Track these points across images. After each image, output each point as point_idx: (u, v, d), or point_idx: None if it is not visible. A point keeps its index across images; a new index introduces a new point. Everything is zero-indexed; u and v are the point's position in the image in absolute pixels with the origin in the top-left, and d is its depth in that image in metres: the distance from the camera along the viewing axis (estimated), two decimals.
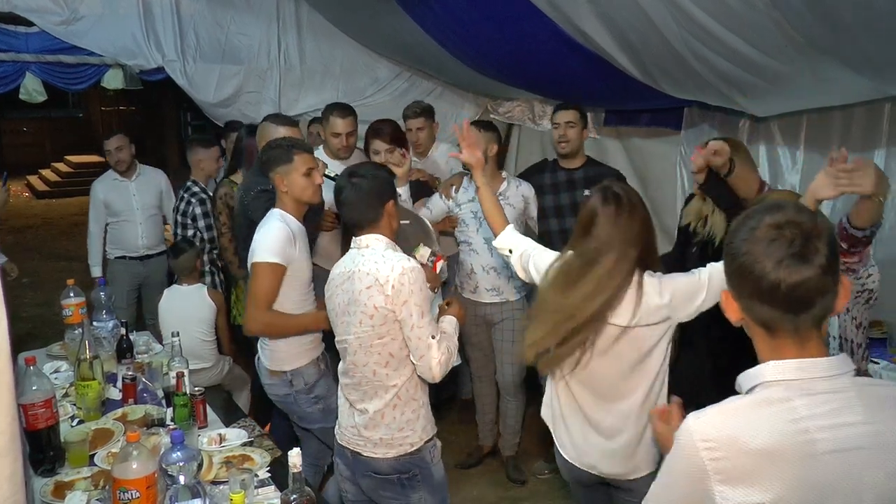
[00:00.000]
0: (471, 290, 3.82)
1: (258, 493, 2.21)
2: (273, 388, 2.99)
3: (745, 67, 2.97)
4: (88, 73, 4.69)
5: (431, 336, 2.31)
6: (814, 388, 1.22)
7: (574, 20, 3.31)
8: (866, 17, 2.29)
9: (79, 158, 16.36)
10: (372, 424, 2.38)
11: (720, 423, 1.23)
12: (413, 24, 4.25)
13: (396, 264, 2.29)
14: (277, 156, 2.85)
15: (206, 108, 5.09)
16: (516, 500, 3.89)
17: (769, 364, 1.26)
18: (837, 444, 1.18)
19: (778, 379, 1.24)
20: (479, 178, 2.76)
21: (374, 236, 2.40)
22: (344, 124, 3.80)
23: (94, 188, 4.87)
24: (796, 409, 1.20)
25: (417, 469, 2.42)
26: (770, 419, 1.20)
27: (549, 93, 4.85)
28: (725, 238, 1.32)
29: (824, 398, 1.21)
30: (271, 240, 2.75)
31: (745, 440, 1.19)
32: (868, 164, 2.06)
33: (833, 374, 1.23)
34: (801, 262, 1.19)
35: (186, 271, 3.82)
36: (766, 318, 1.25)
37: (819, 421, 1.19)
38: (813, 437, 1.18)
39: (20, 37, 4.40)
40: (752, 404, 1.24)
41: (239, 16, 5.01)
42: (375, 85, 5.39)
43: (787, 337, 1.25)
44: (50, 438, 2.34)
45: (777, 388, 1.23)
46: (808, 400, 1.20)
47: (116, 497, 1.88)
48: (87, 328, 2.89)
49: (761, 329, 1.27)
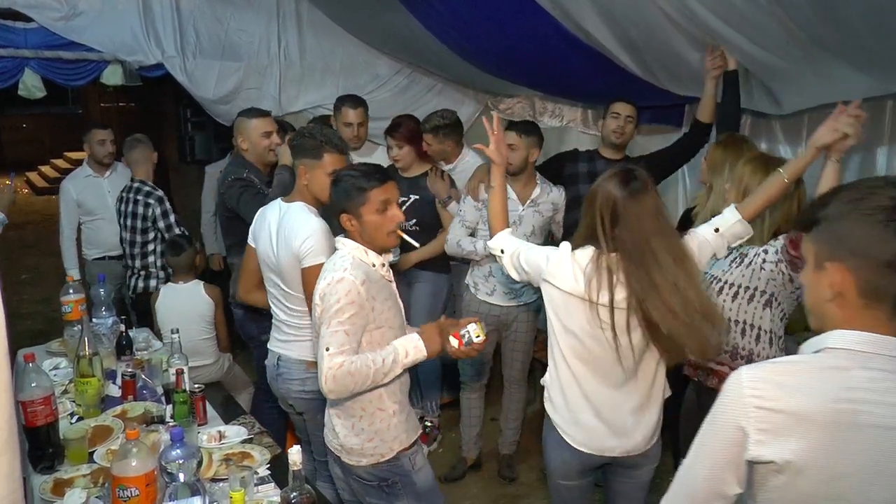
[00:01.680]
0: (487, 291, 3.74)
1: (258, 490, 2.20)
2: (308, 384, 2.78)
3: (747, 64, 2.96)
4: (87, 70, 4.66)
5: (326, 348, 2.21)
6: (874, 364, 1.22)
7: (575, 17, 3.30)
8: (869, 14, 2.28)
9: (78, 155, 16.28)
10: (343, 432, 2.38)
11: (773, 376, 1.26)
12: (414, 21, 4.24)
13: (332, 274, 2.26)
14: (308, 147, 2.78)
15: (205, 105, 5.07)
16: (517, 497, 3.89)
17: (838, 331, 1.27)
18: (883, 421, 1.19)
19: (843, 347, 1.25)
20: (498, 178, 2.67)
21: (343, 239, 2.40)
22: (355, 114, 3.97)
23: (64, 188, 4.73)
24: (852, 379, 1.22)
25: (397, 477, 2.40)
26: (822, 382, 1.22)
27: (549, 90, 4.85)
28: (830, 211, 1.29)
29: (884, 375, 1.22)
30: (321, 240, 2.68)
31: (792, 396, 1.22)
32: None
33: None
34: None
35: (185, 269, 3.81)
36: (881, 285, 1.23)
37: (872, 395, 1.20)
38: (859, 408, 1.20)
39: (19, 32, 4.38)
40: (809, 365, 1.27)
41: (239, 12, 4.98)
42: (376, 81, 5.37)
43: (883, 311, 1.24)
44: (49, 435, 2.33)
45: (839, 355, 1.25)
46: (866, 373, 1.22)
47: (116, 494, 1.87)
48: (87, 325, 2.89)
49: (862, 299, 1.25)
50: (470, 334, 2.35)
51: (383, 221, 2.35)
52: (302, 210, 2.78)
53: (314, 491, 1.97)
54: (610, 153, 3.78)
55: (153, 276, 4.26)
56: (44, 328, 6.04)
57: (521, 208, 3.62)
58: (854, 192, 1.28)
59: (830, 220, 1.29)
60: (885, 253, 1.21)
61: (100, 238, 4.67)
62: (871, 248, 1.23)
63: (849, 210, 1.26)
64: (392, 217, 2.37)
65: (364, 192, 2.32)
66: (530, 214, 3.63)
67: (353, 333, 2.24)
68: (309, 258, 2.68)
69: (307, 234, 2.70)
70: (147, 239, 4.23)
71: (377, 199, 2.33)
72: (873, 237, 1.22)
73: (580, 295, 2.22)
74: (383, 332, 2.34)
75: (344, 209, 2.36)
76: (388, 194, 2.36)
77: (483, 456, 4.20)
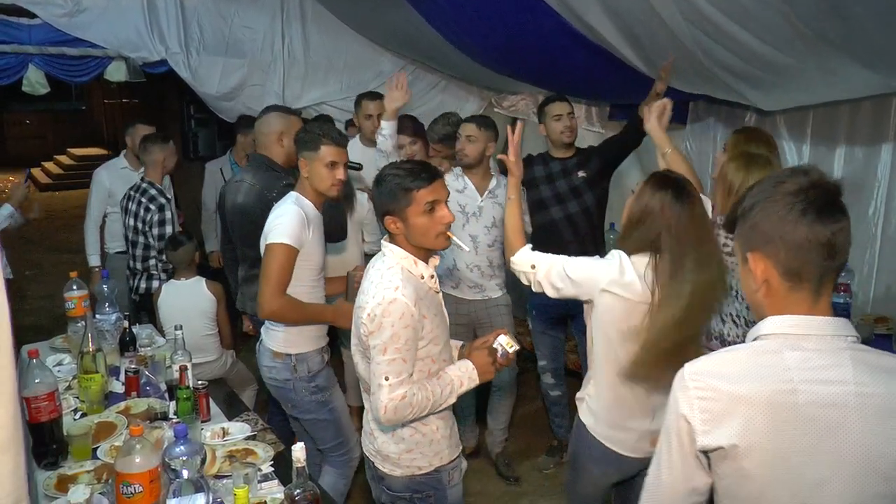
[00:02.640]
0: (452, 285, 3.76)
1: (261, 487, 2.20)
2: (273, 372, 2.93)
3: (752, 61, 2.95)
4: (91, 66, 4.65)
5: (385, 377, 2.10)
6: (806, 345, 1.28)
7: (580, 13, 3.30)
8: (876, 11, 2.27)
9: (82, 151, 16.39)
10: (381, 437, 2.30)
11: (711, 367, 1.33)
12: (417, 17, 4.23)
13: (380, 292, 2.11)
14: (306, 140, 2.83)
15: (209, 102, 5.07)
16: (520, 494, 3.88)
17: (768, 318, 1.33)
18: (820, 398, 1.24)
19: (774, 332, 1.31)
20: (515, 190, 2.63)
21: (391, 246, 2.25)
22: (375, 106, 4.04)
23: (98, 175, 4.75)
24: (785, 361, 1.27)
25: (432, 490, 2.33)
26: (758, 367, 1.28)
27: (553, 86, 4.83)
28: (745, 204, 1.36)
29: (816, 355, 1.27)
30: (286, 222, 2.72)
31: (730, 383, 1.28)
32: None
33: (829, 334, 1.29)
34: (839, 212, 1.27)
35: (185, 264, 3.79)
36: (798, 266, 1.29)
37: (806, 374, 1.25)
38: (796, 387, 1.25)
39: (23, 29, 4.38)
40: (745, 352, 1.33)
41: (243, 8, 4.98)
42: (380, 78, 5.36)
43: (806, 291, 1.30)
44: (53, 432, 2.33)
45: (772, 341, 1.31)
46: (799, 354, 1.27)
47: (119, 491, 1.87)
48: (90, 321, 2.89)
49: (786, 283, 1.31)
50: (504, 347, 2.31)
51: (431, 223, 2.18)
52: (289, 198, 2.84)
53: (318, 488, 1.97)
54: (560, 152, 3.81)
55: (155, 278, 4.21)
56: (47, 324, 6.05)
57: (480, 199, 3.67)
58: (764, 183, 1.36)
59: (746, 214, 1.35)
60: (796, 233, 1.27)
61: (121, 232, 4.56)
62: (782, 232, 1.28)
63: (760, 200, 1.33)
64: (441, 218, 2.19)
65: (410, 193, 2.15)
66: (490, 205, 3.67)
67: (410, 359, 2.14)
68: (271, 235, 2.73)
69: (278, 214, 2.77)
70: (148, 242, 4.19)
71: (424, 200, 2.16)
72: (783, 221, 1.28)
73: (647, 301, 2.22)
74: (429, 350, 2.22)
75: (388, 211, 2.20)
76: (437, 194, 2.19)
77: (484, 452, 4.19)
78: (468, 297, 3.77)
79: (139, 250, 4.23)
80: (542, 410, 4.32)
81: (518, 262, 2.53)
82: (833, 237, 1.26)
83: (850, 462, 1.24)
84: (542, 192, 3.77)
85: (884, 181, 3.39)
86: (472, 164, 3.63)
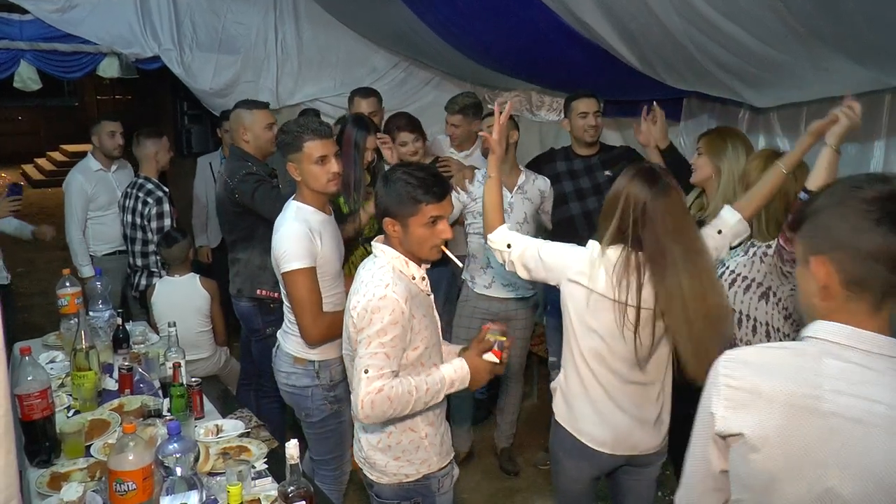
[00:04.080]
0: (485, 284, 3.71)
1: (255, 484, 2.20)
2: (293, 378, 2.81)
3: (746, 57, 2.95)
4: (84, 62, 4.64)
5: (365, 370, 2.07)
6: (850, 357, 1.25)
7: (574, 10, 3.29)
8: (868, 7, 2.27)
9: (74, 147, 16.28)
10: (367, 446, 2.29)
11: (744, 356, 1.35)
12: (410, 14, 4.22)
13: (370, 290, 2.10)
14: (287, 142, 2.71)
15: (202, 98, 5.06)
16: (514, 490, 3.89)
17: (819, 322, 1.32)
18: (846, 411, 1.22)
19: (821, 337, 1.29)
20: (495, 169, 2.59)
21: (382, 246, 2.24)
22: (367, 104, 3.99)
23: (75, 180, 4.55)
24: (822, 367, 1.26)
25: (420, 497, 2.32)
26: (790, 367, 1.28)
27: (547, 83, 4.83)
28: (815, 205, 1.33)
29: (857, 369, 1.24)
30: (289, 247, 2.60)
31: (756, 374, 1.29)
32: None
33: (875, 352, 1.25)
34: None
35: (178, 261, 3.79)
36: (863, 276, 1.25)
37: (839, 384, 1.24)
38: (824, 395, 1.23)
39: (15, 24, 4.36)
40: (784, 350, 1.33)
41: (236, 4, 4.97)
42: (373, 74, 5.36)
43: (865, 303, 1.27)
44: (46, 429, 2.33)
45: (816, 344, 1.30)
46: (839, 364, 1.25)
47: (113, 488, 1.87)
48: (83, 318, 2.88)
49: (846, 291, 1.27)
50: (500, 341, 2.30)
51: (430, 236, 2.19)
52: (288, 210, 2.74)
53: (311, 485, 1.97)
54: (583, 150, 3.80)
55: (156, 275, 4.17)
56: (40, 321, 6.03)
57: (510, 196, 3.61)
58: (838, 187, 1.32)
59: (815, 216, 1.32)
60: (867, 243, 1.23)
61: (109, 233, 4.56)
62: (852, 240, 1.25)
63: (832, 204, 1.29)
64: (440, 232, 2.19)
65: (418, 204, 2.14)
66: (520, 201, 3.64)
67: (395, 356, 2.11)
68: (283, 263, 2.63)
69: (279, 238, 2.66)
70: (147, 238, 4.17)
71: (430, 214, 2.16)
72: (855, 228, 1.25)
73: (610, 295, 2.21)
74: (419, 352, 2.21)
75: (390, 213, 2.19)
76: (443, 210, 2.19)
77: (479, 450, 4.21)
78: (501, 295, 3.72)
79: (138, 246, 4.21)
80: (540, 407, 4.34)
81: (495, 240, 2.54)
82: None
83: (865, 479, 1.21)
84: (565, 187, 3.74)
85: None
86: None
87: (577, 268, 2.28)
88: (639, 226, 2.16)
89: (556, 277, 2.36)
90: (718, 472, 1.37)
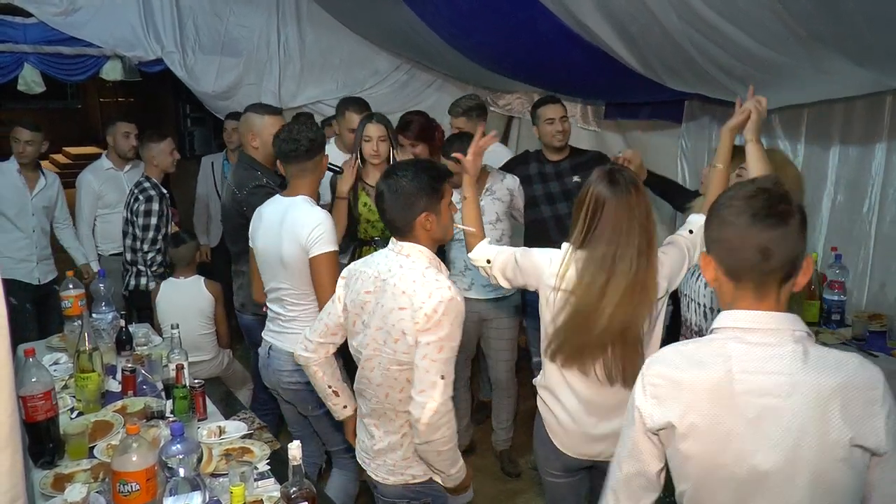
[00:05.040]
0: (464, 287, 3.70)
1: (258, 485, 2.20)
2: (296, 375, 2.79)
3: (746, 59, 2.96)
4: (87, 65, 4.65)
5: (441, 375, 2.08)
6: (750, 338, 1.39)
7: (575, 13, 3.30)
8: (868, 9, 2.28)
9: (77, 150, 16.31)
10: (377, 448, 2.28)
11: (664, 355, 1.50)
12: (413, 16, 4.23)
13: (435, 291, 2.08)
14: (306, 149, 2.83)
15: (205, 100, 5.07)
16: (515, 492, 3.89)
17: (722, 313, 1.46)
18: (753, 388, 1.35)
19: (725, 325, 1.43)
20: (470, 189, 2.60)
21: (417, 247, 2.20)
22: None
23: (85, 179, 4.66)
24: (727, 352, 1.39)
25: (429, 498, 2.31)
26: (705, 356, 1.41)
27: (549, 85, 4.84)
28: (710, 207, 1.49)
29: (758, 348, 1.38)
30: (326, 230, 2.72)
31: (677, 369, 1.43)
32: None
33: (772, 328, 1.39)
34: (776, 219, 1.35)
35: (185, 262, 3.80)
36: (735, 267, 1.40)
37: (744, 364, 1.37)
38: (733, 377, 1.37)
39: (18, 27, 4.38)
40: (696, 344, 1.48)
41: (238, 7, 4.98)
42: (376, 77, 5.37)
43: (749, 290, 1.40)
44: (49, 430, 2.33)
45: (720, 334, 1.44)
46: (742, 346, 1.39)
47: (116, 489, 1.87)
48: (87, 320, 2.89)
49: (730, 281, 1.43)
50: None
51: (449, 213, 2.28)
52: (306, 202, 2.83)
53: (314, 486, 1.98)
54: (553, 154, 3.86)
55: (143, 275, 4.14)
56: None
57: (480, 200, 3.61)
58: (721, 194, 1.48)
59: (707, 218, 1.49)
60: (731, 234, 1.39)
61: (115, 233, 4.52)
62: (721, 234, 1.41)
63: (714, 207, 1.45)
64: (452, 207, 2.29)
65: (443, 187, 2.22)
66: (489, 203, 3.66)
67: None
68: (318, 246, 2.70)
69: (315, 223, 2.73)
70: (136, 234, 4.14)
71: (448, 191, 2.25)
72: (722, 223, 1.41)
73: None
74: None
75: (425, 208, 2.18)
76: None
77: (480, 451, 4.21)
78: (481, 296, 3.74)
79: (128, 240, 4.19)
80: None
81: (475, 257, 2.56)
82: (768, 241, 1.35)
83: (783, 449, 1.33)
84: (535, 190, 3.81)
85: (878, 179, 3.39)
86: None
87: (550, 270, 2.30)
88: (588, 222, 2.19)
89: (534, 283, 2.39)
90: (653, 469, 1.48)
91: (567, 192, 3.74)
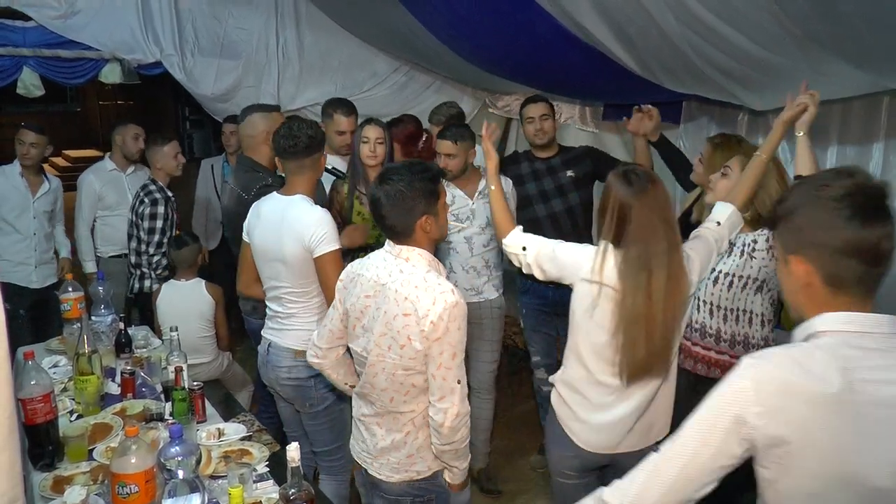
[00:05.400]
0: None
1: (256, 487, 2.21)
2: (295, 371, 2.85)
3: (743, 61, 2.97)
4: (86, 68, 4.65)
5: (458, 381, 2.11)
6: (864, 343, 1.26)
7: (572, 14, 3.30)
8: (866, 11, 2.28)
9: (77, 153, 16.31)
10: (380, 447, 2.28)
11: (775, 357, 1.30)
12: (411, 18, 4.24)
13: (439, 297, 2.08)
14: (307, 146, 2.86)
15: (204, 103, 5.07)
16: (516, 493, 3.90)
17: (821, 315, 1.31)
18: (881, 399, 1.22)
19: (832, 329, 1.29)
20: (495, 179, 2.69)
21: (416, 251, 2.18)
22: (348, 122, 3.81)
23: (86, 179, 4.67)
24: (845, 359, 1.24)
25: (433, 494, 2.30)
26: (819, 365, 1.24)
27: (547, 87, 4.84)
28: (786, 206, 1.36)
29: (874, 353, 1.25)
30: (329, 229, 2.75)
31: (791, 374, 1.24)
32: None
33: (887, 332, 1.26)
34: (885, 216, 1.25)
35: (187, 264, 3.81)
36: (840, 272, 1.28)
37: (865, 374, 1.23)
38: (855, 387, 1.22)
39: (17, 31, 4.38)
40: (804, 350, 1.30)
41: (237, 10, 4.99)
42: (374, 79, 5.37)
43: (849, 294, 1.29)
44: (49, 433, 2.34)
45: (827, 338, 1.29)
46: (858, 352, 1.25)
47: (115, 491, 1.88)
48: (86, 323, 2.90)
49: (827, 287, 1.30)
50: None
51: (446, 211, 2.30)
52: (304, 201, 2.84)
53: (312, 488, 1.98)
54: (541, 152, 3.87)
55: (147, 277, 4.17)
56: None
57: (472, 203, 3.67)
58: (808, 185, 1.36)
59: (789, 217, 1.35)
60: (836, 239, 1.26)
61: (116, 235, 4.56)
62: (823, 237, 1.28)
63: (803, 202, 1.32)
64: (447, 206, 2.34)
65: (438, 187, 2.21)
66: (481, 206, 3.66)
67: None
68: (322, 246, 2.72)
69: (316, 222, 2.75)
70: (141, 237, 4.16)
71: (443, 190, 2.24)
72: (825, 225, 1.27)
73: (619, 288, 2.25)
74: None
75: (425, 211, 2.16)
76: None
77: None
78: (465, 299, 3.72)
79: (133, 243, 4.20)
80: (537, 409, 4.34)
81: (510, 244, 2.57)
82: (878, 242, 1.25)
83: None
84: (528, 189, 3.81)
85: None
86: (458, 176, 3.63)
87: (589, 265, 2.30)
88: (626, 225, 2.22)
89: (569, 277, 2.38)
90: (718, 473, 1.30)
91: (561, 188, 3.76)
